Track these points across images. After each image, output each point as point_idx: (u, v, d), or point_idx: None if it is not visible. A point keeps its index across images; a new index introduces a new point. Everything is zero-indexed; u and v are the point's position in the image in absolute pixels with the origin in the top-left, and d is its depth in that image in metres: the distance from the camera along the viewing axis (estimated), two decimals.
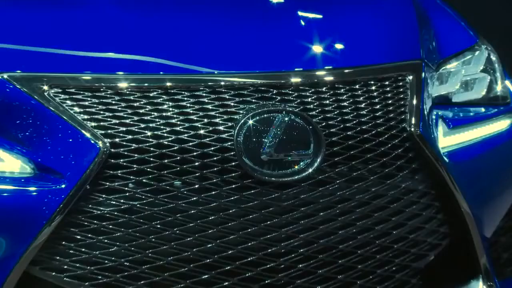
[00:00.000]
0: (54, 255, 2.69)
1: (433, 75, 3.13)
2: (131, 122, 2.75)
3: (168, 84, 2.80)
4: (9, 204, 2.65)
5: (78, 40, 2.89)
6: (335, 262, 2.86)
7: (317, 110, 2.88)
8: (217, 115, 2.80)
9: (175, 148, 2.75)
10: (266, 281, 2.79)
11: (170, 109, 2.78)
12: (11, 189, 2.66)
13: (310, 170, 2.81)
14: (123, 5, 3.09)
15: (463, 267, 3.08)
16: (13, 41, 2.85)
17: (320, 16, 3.16)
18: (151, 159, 2.73)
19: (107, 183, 2.71)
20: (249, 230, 2.77)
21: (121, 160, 2.72)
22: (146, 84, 2.79)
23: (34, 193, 2.66)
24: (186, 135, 2.76)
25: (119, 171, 2.71)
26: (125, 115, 2.75)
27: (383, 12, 3.30)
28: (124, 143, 2.73)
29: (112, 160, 2.71)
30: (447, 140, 3.06)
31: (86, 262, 2.70)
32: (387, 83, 3.00)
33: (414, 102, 3.00)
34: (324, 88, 2.91)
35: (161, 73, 2.82)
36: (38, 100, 2.72)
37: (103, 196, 2.71)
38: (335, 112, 2.89)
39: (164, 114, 2.77)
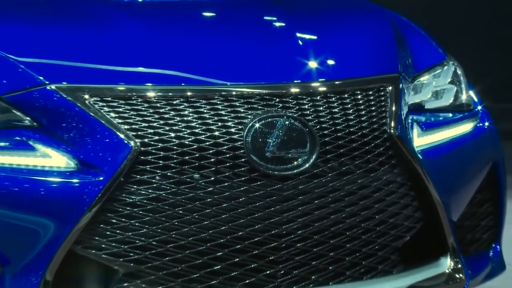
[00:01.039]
0: (93, 236, 2.68)
1: (409, 86, 3.11)
2: (158, 125, 2.74)
3: (189, 93, 2.79)
4: (57, 193, 2.65)
5: (113, 56, 2.88)
6: (328, 242, 2.84)
7: (313, 115, 2.87)
8: (229, 119, 2.79)
9: (194, 146, 2.74)
10: (271, 258, 2.78)
11: (190, 114, 2.77)
12: (59, 181, 2.65)
13: (307, 165, 2.80)
14: (149, 27, 3.08)
15: (434, 246, 3.05)
16: (59, 57, 2.84)
17: (314, 37, 3.15)
18: (174, 156, 2.73)
19: (138, 176, 2.70)
20: (255, 215, 2.76)
21: (150, 157, 2.71)
22: (170, 94, 2.78)
23: (77, 184, 2.66)
24: (203, 136, 2.75)
25: (147, 166, 2.71)
26: (152, 119, 2.74)
27: (368, 33, 3.28)
28: (152, 142, 2.72)
29: (142, 157, 2.70)
30: (421, 140, 3.04)
31: (120, 242, 2.69)
32: (370, 92, 2.98)
33: (393, 108, 2.98)
34: (318, 97, 2.90)
35: (183, 84, 2.82)
36: (80, 107, 2.71)
37: (134, 187, 2.70)
38: (328, 117, 2.88)
39: (185, 118, 2.76)
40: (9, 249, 2.64)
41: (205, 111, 2.78)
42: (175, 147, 2.73)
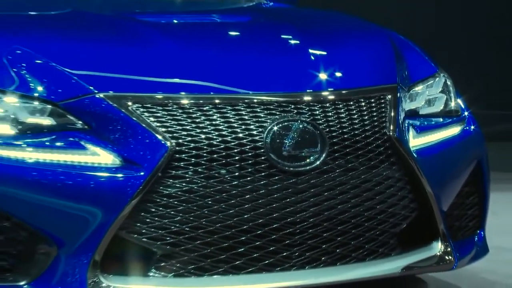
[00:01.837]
0: (135, 222, 2.68)
1: (405, 95, 3.09)
2: (190, 128, 2.74)
3: (217, 101, 2.79)
4: (104, 186, 2.65)
5: (152, 69, 2.88)
6: (335, 229, 2.84)
7: (323, 120, 2.86)
8: (251, 123, 2.79)
9: (221, 146, 2.74)
10: (286, 242, 2.78)
11: (218, 118, 2.77)
12: (106, 176, 2.66)
13: (317, 163, 2.80)
14: (183, 44, 3.07)
15: (427, 232, 3.04)
16: (106, 70, 2.85)
17: (324, 52, 3.13)
18: (204, 154, 2.72)
19: (173, 172, 2.70)
20: (273, 205, 2.76)
21: (183, 155, 2.71)
22: (201, 101, 2.78)
23: (121, 178, 2.66)
24: (229, 137, 2.75)
25: (181, 163, 2.71)
26: (186, 123, 2.74)
27: (370, 49, 3.27)
28: (185, 143, 2.72)
29: (177, 155, 2.70)
30: (416, 141, 3.02)
31: (158, 228, 2.69)
32: (372, 100, 2.97)
33: (392, 114, 2.98)
34: (327, 104, 2.90)
35: (211, 93, 2.82)
36: (124, 112, 2.72)
37: (170, 180, 2.70)
38: (335, 121, 2.88)
39: (213, 122, 2.76)
40: (64, 233, 2.65)
41: (231, 116, 2.79)
42: (205, 147, 2.73)
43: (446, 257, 3.05)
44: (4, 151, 2.66)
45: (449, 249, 3.05)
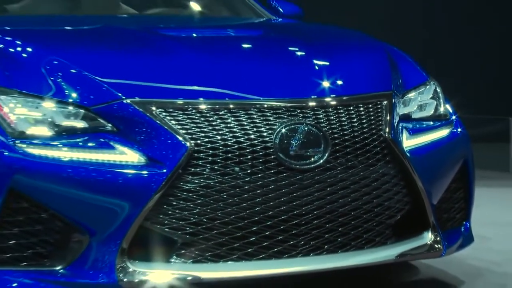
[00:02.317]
0: (158, 214, 2.68)
1: (399, 100, 3.08)
2: (207, 130, 2.74)
3: (231, 106, 2.79)
4: (131, 182, 2.66)
5: (173, 77, 2.88)
6: (337, 220, 2.84)
7: (326, 123, 2.85)
8: (262, 125, 2.79)
9: (235, 146, 2.74)
10: (293, 232, 2.78)
11: (232, 122, 2.77)
12: (133, 172, 2.67)
13: (321, 161, 2.80)
14: (200, 55, 3.06)
15: (418, 223, 3.03)
16: (133, 78, 2.85)
17: (327, 63, 3.11)
18: (220, 153, 2.72)
19: (192, 169, 2.70)
20: (281, 199, 2.76)
21: (201, 154, 2.71)
22: (217, 106, 2.78)
23: (146, 175, 2.67)
24: (242, 138, 2.75)
25: (199, 161, 2.71)
26: (203, 126, 2.74)
27: (368, 60, 3.25)
28: (203, 143, 2.72)
29: (195, 154, 2.70)
30: (409, 142, 3.01)
31: (178, 219, 2.69)
32: (370, 105, 2.96)
33: (388, 118, 2.96)
34: (330, 108, 2.89)
35: (226, 99, 2.82)
36: (149, 116, 2.72)
37: (189, 177, 2.70)
38: (337, 124, 2.87)
39: (228, 125, 2.76)
40: (95, 224, 2.66)
41: (243, 119, 2.78)
42: (220, 147, 2.73)
43: (436, 246, 3.03)
44: (42, 151, 2.67)
45: (438, 238, 3.04)
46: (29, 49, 2.97)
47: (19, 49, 2.98)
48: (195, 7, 4.16)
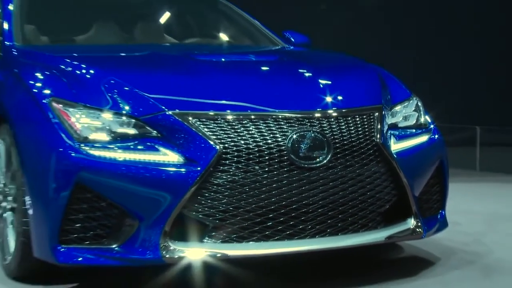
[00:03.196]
0: (194, 203, 2.68)
1: (388, 112, 3.06)
2: (233, 136, 2.74)
3: (252, 116, 2.79)
4: (172, 177, 2.66)
5: (206, 93, 2.87)
6: (337, 209, 2.83)
7: (329, 130, 2.85)
8: (277, 132, 2.78)
9: (255, 149, 2.74)
10: (302, 218, 2.77)
11: (253, 129, 2.77)
12: (173, 170, 2.67)
13: (325, 161, 2.80)
14: (227, 75, 3.07)
15: (403, 211, 3.01)
16: (173, 94, 2.84)
17: (329, 82, 3.09)
18: (243, 155, 2.72)
19: (221, 167, 2.70)
20: (293, 191, 2.75)
21: (228, 155, 2.71)
22: (241, 116, 2.78)
23: (184, 172, 2.67)
24: (261, 142, 2.75)
25: (227, 161, 2.70)
26: (230, 132, 2.74)
27: (362, 79, 3.22)
28: (229, 147, 2.72)
29: (223, 155, 2.70)
30: (396, 146, 2.99)
31: (209, 207, 2.69)
32: (364, 117, 2.95)
33: (379, 126, 2.95)
34: (332, 119, 2.88)
35: (248, 111, 2.81)
36: (186, 125, 2.72)
37: (218, 173, 2.70)
38: (338, 131, 2.86)
39: (250, 132, 2.76)
40: (143, 211, 2.67)
41: (262, 127, 2.78)
42: (243, 150, 2.73)
43: (417, 230, 3.01)
44: (101, 152, 2.69)
45: (419, 224, 3.02)
46: (92, 71, 2.98)
47: (84, 71, 2.99)
48: (224, 37, 4.21)
